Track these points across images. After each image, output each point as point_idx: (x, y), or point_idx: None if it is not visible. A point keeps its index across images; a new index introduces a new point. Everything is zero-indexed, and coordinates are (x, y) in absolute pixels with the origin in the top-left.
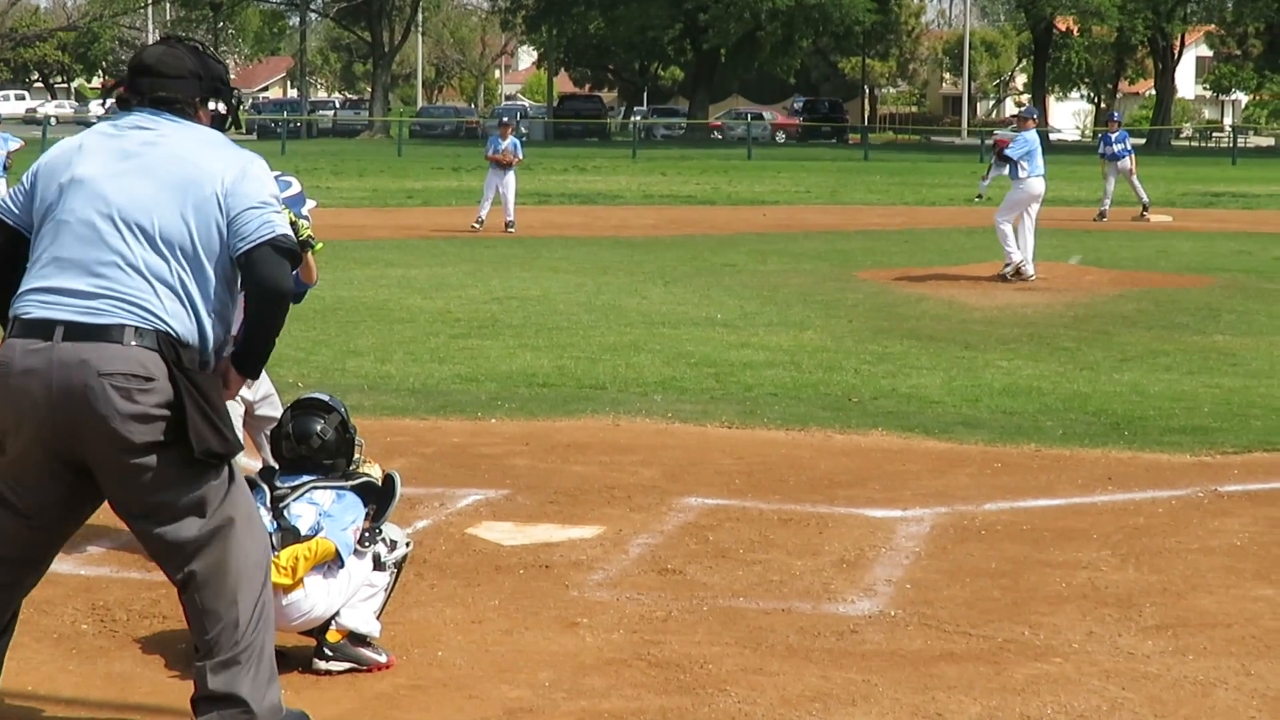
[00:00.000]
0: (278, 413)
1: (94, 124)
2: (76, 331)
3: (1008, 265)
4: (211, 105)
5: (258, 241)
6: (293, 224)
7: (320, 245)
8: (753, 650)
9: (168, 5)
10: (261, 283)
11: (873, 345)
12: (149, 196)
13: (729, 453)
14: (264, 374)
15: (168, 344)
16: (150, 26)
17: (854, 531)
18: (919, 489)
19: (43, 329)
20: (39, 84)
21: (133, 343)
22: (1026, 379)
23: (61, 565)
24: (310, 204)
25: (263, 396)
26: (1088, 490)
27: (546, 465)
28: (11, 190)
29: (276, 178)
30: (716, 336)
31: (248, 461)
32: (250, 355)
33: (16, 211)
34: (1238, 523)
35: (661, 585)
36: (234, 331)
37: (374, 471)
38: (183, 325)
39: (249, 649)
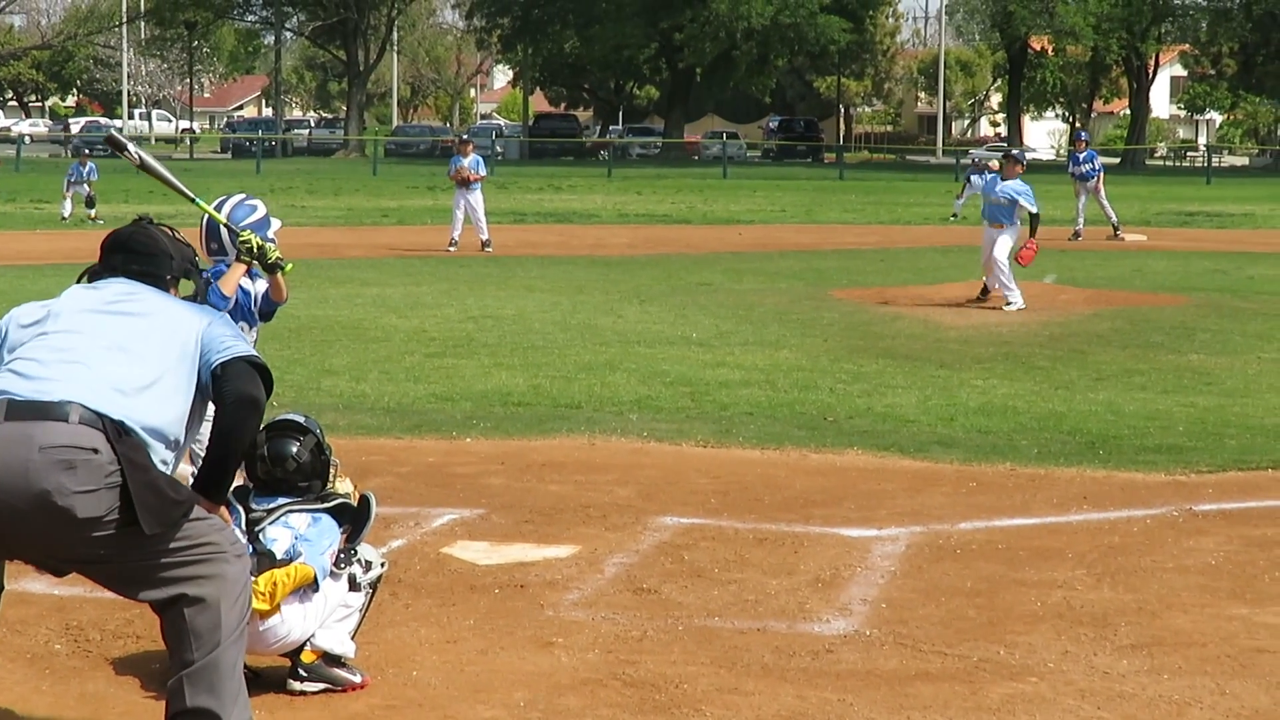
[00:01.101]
0: None
1: (70, 142)
2: (21, 410)
3: (1009, 304)
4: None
5: (232, 356)
6: (261, 247)
7: (290, 266)
8: (728, 670)
9: (142, 24)
10: (235, 391)
11: (848, 364)
12: (126, 326)
13: (704, 472)
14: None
15: (112, 428)
16: (125, 45)
17: (829, 551)
18: (894, 508)
19: None
20: (13, 103)
21: (75, 421)
22: (1002, 398)
23: (34, 585)
24: (276, 224)
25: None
26: (1063, 509)
27: (521, 484)
28: None
29: (241, 201)
30: (692, 355)
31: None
32: (216, 470)
33: None
34: (1213, 542)
35: (637, 605)
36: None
37: (345, 487)
38: (132, 424)
39: (225, 667)
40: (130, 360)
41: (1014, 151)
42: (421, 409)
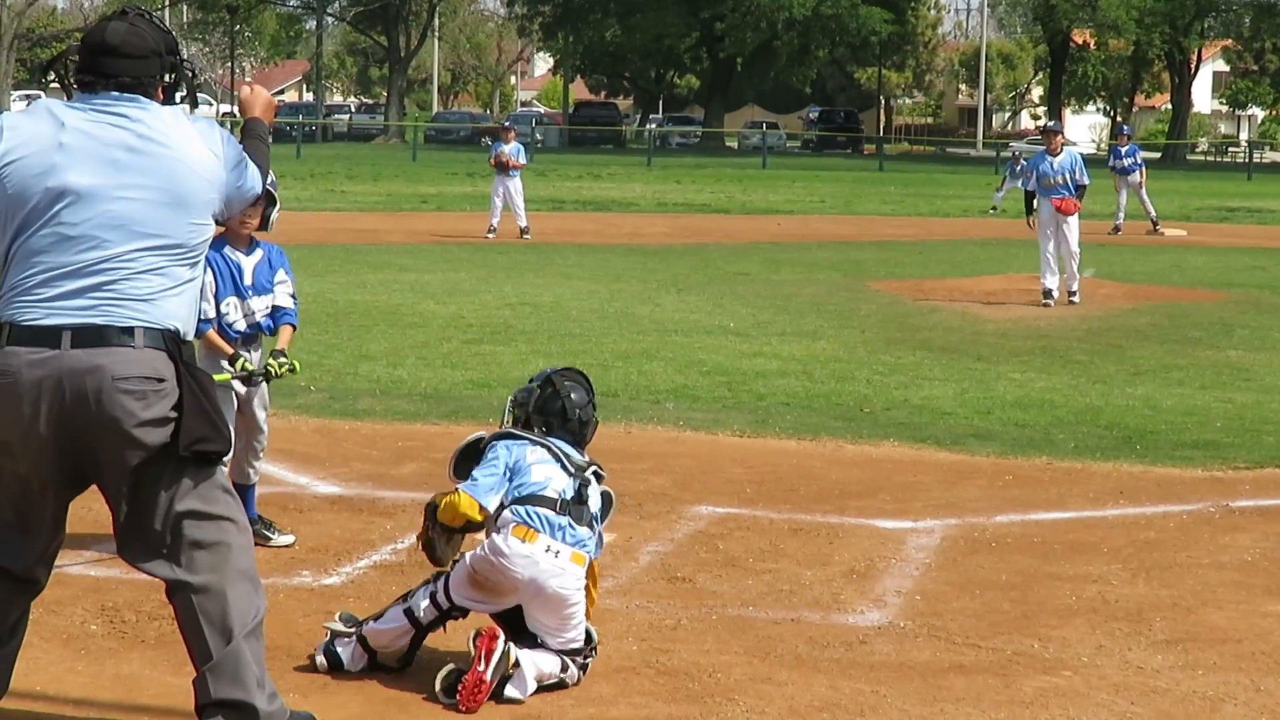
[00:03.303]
0: (264, 413)
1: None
2: (85, 336)
3: (1072, 294)
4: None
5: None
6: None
7: (298, 368)
8: (761, 660)
9: (184, 7)
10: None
11: (885, 356)
12: (150, 208)
13: (740, 461)
14: (265, 389)
15: (171, 341)
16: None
17: (864, 542)
18: (930, 500)
19: (48, 336)
20: (55, 84)
21: (144, 344)
22: (1039, 392)
23: (70, 566)
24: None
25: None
26: (1099, 504)
27: None
28: None
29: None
30: (729, 345)
31: (272, 468)
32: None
33: None
34: (1249, 538)
35: (671, 593)
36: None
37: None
38: (178, 321)
39: (247, 653)
40: (164, 250)
41: (1050, 124)
42: (459, 395)
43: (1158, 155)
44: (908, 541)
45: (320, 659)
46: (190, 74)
